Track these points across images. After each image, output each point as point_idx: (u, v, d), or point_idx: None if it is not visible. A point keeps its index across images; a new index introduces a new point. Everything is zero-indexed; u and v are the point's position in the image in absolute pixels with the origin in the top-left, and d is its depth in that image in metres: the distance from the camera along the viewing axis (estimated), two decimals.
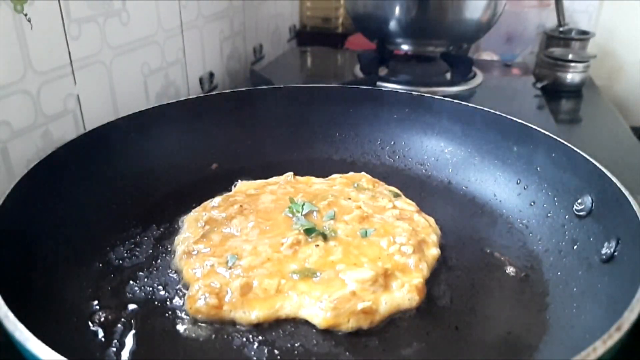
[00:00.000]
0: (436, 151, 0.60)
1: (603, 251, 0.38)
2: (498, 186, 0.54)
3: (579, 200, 0.43)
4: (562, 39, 1.09)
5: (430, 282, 0.42)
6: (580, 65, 0.98)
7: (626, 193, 0.37)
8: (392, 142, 0.63)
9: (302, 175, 0.57)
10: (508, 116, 0.53)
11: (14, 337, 0.28)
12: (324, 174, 0.58)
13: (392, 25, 0.85)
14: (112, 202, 0.51)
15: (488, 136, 0.56)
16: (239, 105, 0.63)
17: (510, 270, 0.44)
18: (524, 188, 0.51)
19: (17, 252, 0.38)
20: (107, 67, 0.63)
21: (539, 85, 0.93)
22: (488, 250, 0.47)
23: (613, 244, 0.37)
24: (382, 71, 0.93)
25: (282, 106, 0.64)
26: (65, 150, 0.47)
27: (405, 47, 0.91)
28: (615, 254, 0.37)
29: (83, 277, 0.42)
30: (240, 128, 0.63)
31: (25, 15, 0.51)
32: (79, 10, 0.57)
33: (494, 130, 0.55)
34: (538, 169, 0.50)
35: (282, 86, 0.66)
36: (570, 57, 0.98)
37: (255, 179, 0.56)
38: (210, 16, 0.85)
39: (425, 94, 0.62)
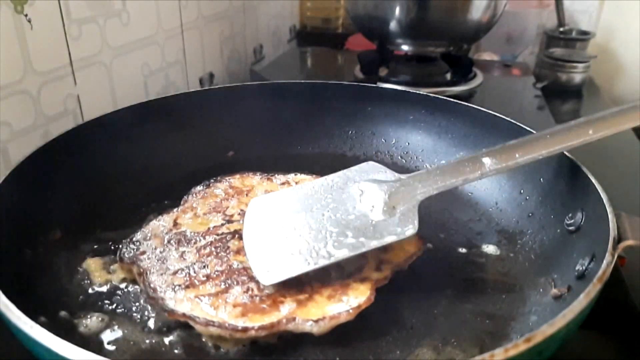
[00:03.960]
0: (448, 154, 0.60)
1: (577, 267, 0.37)
2: (501, 195, 0.54)
3: (570, 215, 0.43)
4: (563, 39, 1.09)
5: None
6: (580, 66, 0.98)
7: (609, 210, 0.37)
8: (407, 143, 0.63)
9: (314, 170, 0.56)
10: (520, 124, 0.53)
11: (17, 329, 0.28)
12: (334, 169, 0.58)
13: (393, 25, 0.85)
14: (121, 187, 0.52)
15: (499, 143, 0.55)
16: (259, 97, 0.64)
17: (489, 277, 0.44)
18: (526, 199, 0.51)
19: (9, 239, 0.38)
20: (107, 67, 0.63)
21: (539, 85, 0.93)
22: (473, 258, 0.47)
23: (587, 261, 0.36)
24: (383, 71, 0.93)
25: (303, 101, 0.65)
26: (69, 136, 0.48)
27: (405, 48, 0.91)
28: (586, 272, 0.36)
29: (78, 266, 0.43)
30: (259, 120, 0.64)
31: (26, 15, 0.51)
32: (79, 11, 0.57)
33: (506, 137, 0.54)
34: (541, 179, 0.49)
35: (303, 81, 0.67)
36: (570, 57, 0.98)
37: (267, 170, 0.56)
38: (210, 17, 0.85)
39: (443, 97, 0.62)
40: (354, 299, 0.37)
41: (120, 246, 0.43)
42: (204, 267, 0.40)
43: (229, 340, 0.35)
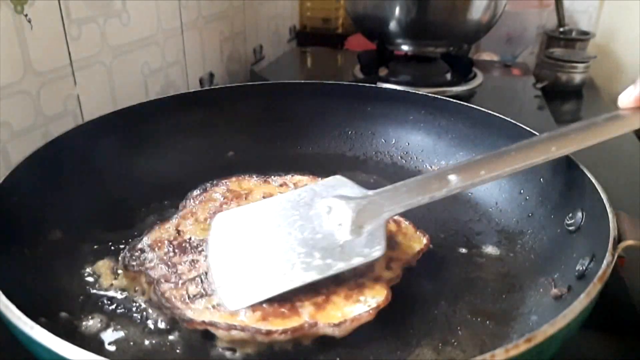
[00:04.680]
0: (448, 155, 0.60)
1: (577, 267, 0.37)
2: (501, 195, 0.54)
3: (570, 215, 0.43)
4: (563, 39, 1.09)
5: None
6: (580, 66, 0.98)
7: (609, 210, 0.37)
8: (407, 143, 0.63)
9: (314, 171, 0.56)
10: (519, 124, 0.53)
11: (18, 329, 0.28)
12: (334, 170, 0.58)
13: (392, 25, 0.85)
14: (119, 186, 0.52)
15: (499, 143, 0.54)
16: (259, 97, 0.64)
17: (489, 276, 0.44)
18: (526, 199, 0.51)
19: (9, 239, 0.38)
20: (107, 67, 0.63)
21: (539, 85, 0.93)
22: (473, 258, 0.47)
23: (587, 261, 0.36)
24: (382, 71, 0.93)
25: (302, 101, 0.65)
26: (69, 136, 0.48)
27: (405, 48, 0.91)
28: (587, 272, 0.36)
29: (78, 267, 0.43)
30: (259, 120, 0.64)
31: (26, 15, 0.51)
32: (79, 11, 0.57)
33: (506, 137, 0.54)
34: (541, 179, 0.50)
35: (302, 81, 0.67)
36: (570, 57, 0.98)
37: (267, 170, 0.56)
38: (210, 17, 0.85)
39: (442, 97, 0.62)
40: (371, 298, 0.38)
41: (124, 254, 0.43)
42: None
43: (250, 343, 0.35)
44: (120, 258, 0.43)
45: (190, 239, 0.44)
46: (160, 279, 0.39)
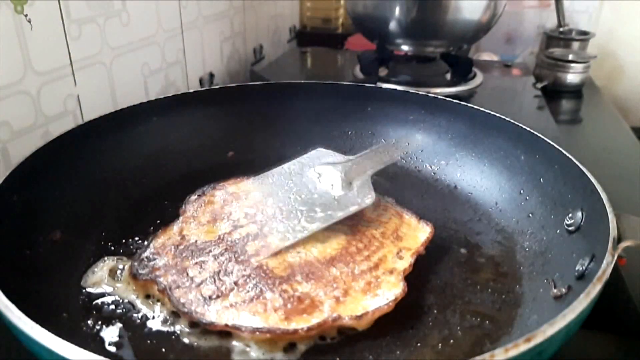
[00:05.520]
0: (447, 155, 0.60)
1: (577, 267, 0.37)
2: (501, 195, 0.54)
3: (570, 215, 0.43)
4: (562, 39, 1.09)
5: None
6: (580, 66, 0.98)
7: (609, 210, 0.37)
8: (407, 143, 0.63)
9: None
10: (519, 124, 0.53)
11: (17, 329, 0.28)
12: None
13: (392, 25, 0.85)
14: (117, 187, 0.51)
15: (499, 143, 0.55)
16: (259, 97, 0.65)
17: (489, 276, 0.44)
18: (526, 199, 0.51)
19: (9, 239, 0.38)
20: (107, 67, 0.63)
21: (539, 85, 0.93)
22: (473, 258, 0.47)
23: (587, 261, 0.36)
24: (382, 72, 0.93)
25: (303, 101, 0.65)
26: (69, 136, 0.48)
27: (405, 48, 0.91)
28: (586, 272, 0.36)
29: (78, 267, 0.43)
30: (260, 120, 0.64)
31: (26, 15, 0.51)
32: (79, 11, 0.57)
33: (506, 137, 0.55)
34: (541, 180, 0.50)
35: (302, 82, 0.67)
36: (570, 57, 0.98)
37: (267, 170, 0.55)
38: (210, 17, 0.85)
39: (442, 97, 0.62)
40: (388, 291, 0.39)
41: (132, 264, 0.42)
42: (228, 274, 0.40)
43: (273, 342, 0.35)
44: (128, 268, 0.42)
45: (195, 241, 0.44)
46: (171, 285, 0.39)
